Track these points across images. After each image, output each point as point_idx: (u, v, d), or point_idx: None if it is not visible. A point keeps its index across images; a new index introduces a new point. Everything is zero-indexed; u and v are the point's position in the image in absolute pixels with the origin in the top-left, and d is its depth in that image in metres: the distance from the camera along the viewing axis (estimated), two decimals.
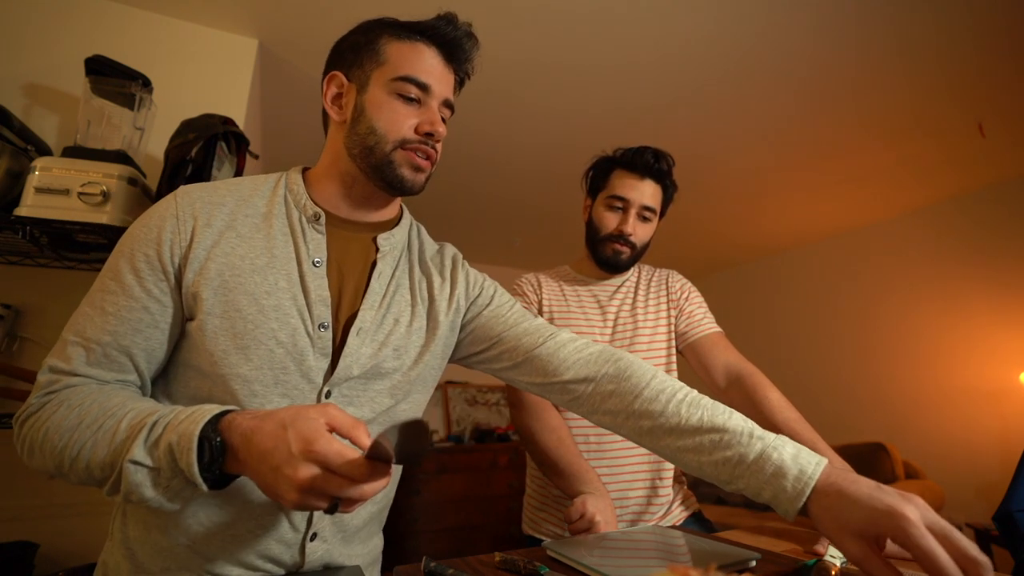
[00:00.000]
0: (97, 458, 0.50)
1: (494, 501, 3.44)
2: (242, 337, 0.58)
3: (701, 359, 1.07)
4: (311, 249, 0.64)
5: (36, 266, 1.34)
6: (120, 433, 0.50)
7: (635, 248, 1.08)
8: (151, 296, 0.58)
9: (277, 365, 0.59)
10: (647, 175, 1.06)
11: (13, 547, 1.15)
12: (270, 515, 0.59)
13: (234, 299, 0.59)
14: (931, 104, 2.18)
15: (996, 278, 2.88)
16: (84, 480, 0.53)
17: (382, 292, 0.68)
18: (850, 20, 1.71)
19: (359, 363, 0.63)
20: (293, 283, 0.62)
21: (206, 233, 0.60)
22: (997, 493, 2.42)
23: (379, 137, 0.64)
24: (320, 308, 0.62)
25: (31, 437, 0.53)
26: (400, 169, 0.65)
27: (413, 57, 0.65)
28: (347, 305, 0.65)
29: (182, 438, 0.47)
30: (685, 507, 1.05)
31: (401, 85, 0.64)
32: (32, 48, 1.46)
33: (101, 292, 0.58)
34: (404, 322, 0.68)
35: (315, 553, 0.61)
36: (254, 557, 0.59)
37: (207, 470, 0.47)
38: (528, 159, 2.66)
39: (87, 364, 0.56)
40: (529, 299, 1.12)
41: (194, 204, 0.61)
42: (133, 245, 0.59)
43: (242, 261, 0.60)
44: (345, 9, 1.62)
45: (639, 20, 1.70)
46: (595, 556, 0.61)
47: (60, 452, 0.51)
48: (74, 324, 0.58)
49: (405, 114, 0.65)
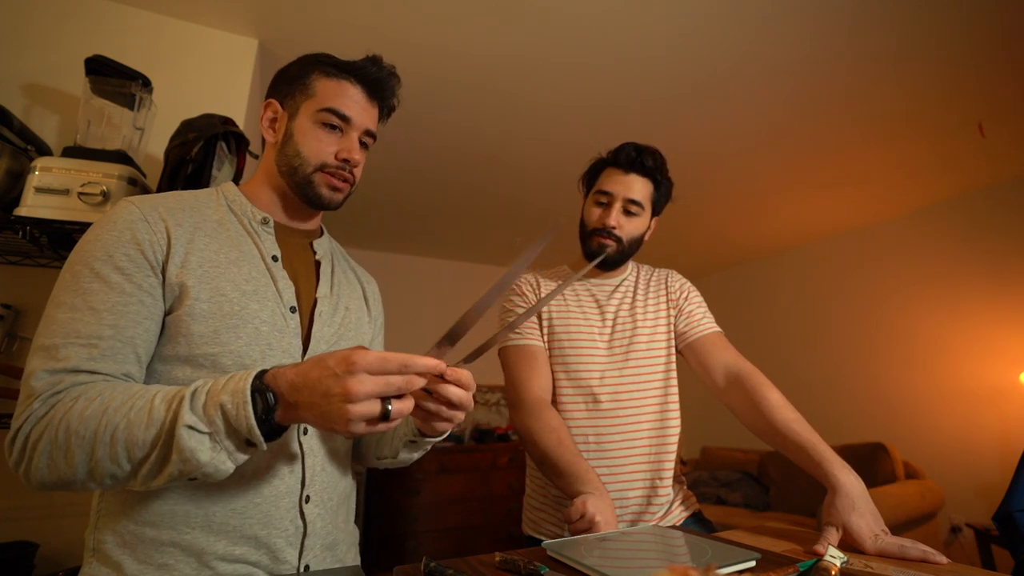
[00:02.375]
0: (135, 437, 0.51)
1: (494, 501, 3.44)
2: (230, 317, 0.64)
3: (700, 359, 1.07)
4: (267, 247, 0.73)
5: (36, 266, 1.34)
6: (157, 409, 0.51)
7: (621, 242, 1.06)
8: (143, 290, 0.61)
9: (263, 342, 0.66)
10: (631, 169, 1.06)
11: (13, 547, 1.15)
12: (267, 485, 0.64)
13: (218, 285, 0.65)
14: (930, 104, 2.18)
15: (996, 278, 2.88)
16: (113, 473, 0.52)
17: (329, 285, 0.79)
18: (848, 20, 1.71)
19: (326, 340, 0.73)
20: (262, 273, 0.70)
21: (179, 232, 0.66)
22: (997, 493, 2.42)
23: (303, 160, 0.73)
24: (288, 294, 0.72)
25: (48, 437, 0.52)
26: (319, 188, 0.75)
27: (338, 92, 0.74)
28: (305, 296, 0.75)
29: (235, 395, 0.50)
30: (685, 507, 1.05)
31: (325, 115, 0.73)
32: (32, 48, 1.46)
33: (81, 295, 0.58)
34: (354, 308, 0.82)
35: (313, 512, 0.67)
36: (258, 528, 0.62)
37: (262, 422, 0.51)
38: (528, 159, 2.66)
39: (90, 360, 0.56)
40: (528, 299, 1.12)
41: (157, 209, 0.66)
42: (107, 249, 0.61)
43: (217, 255, 0.67)
44: (344, 9, 1.62)
45: (638, 19, 1.70)
46: (595, 556, 0.61)
47: (91, 440, 0.51)
48: (56, 329, 0.56)
49: (327, 141, 0.74)
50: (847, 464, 0.82)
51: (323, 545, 0.69)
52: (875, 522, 0.75)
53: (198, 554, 0.59)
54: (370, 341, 0.86)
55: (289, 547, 0.65)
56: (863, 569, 0.62)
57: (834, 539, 0.73)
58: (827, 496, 0.80)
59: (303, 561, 0.66)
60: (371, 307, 0.89)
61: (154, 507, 0.60)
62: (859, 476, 0.81)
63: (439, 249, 4.15)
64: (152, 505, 0.60)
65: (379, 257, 4.09)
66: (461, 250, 4.18)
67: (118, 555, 0.59)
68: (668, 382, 1.08)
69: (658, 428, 1.05)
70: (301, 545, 0.66)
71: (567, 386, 1.05)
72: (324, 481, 0.71)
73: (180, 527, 0.60)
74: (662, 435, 1.04)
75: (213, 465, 0.51)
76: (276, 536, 0.63)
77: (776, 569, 0.57)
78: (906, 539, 0.70)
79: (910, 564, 0.66)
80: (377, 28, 1.70)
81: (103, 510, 0.63)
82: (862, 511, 0.75)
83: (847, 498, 0.76)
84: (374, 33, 1.72)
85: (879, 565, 0.64)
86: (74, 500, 1.27)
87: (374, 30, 1.71)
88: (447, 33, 1.75)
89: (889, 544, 0.71)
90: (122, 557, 0.59)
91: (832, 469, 0.81)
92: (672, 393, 1.07)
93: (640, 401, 1.05)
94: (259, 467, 0.64)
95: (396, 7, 1.63)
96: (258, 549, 0.62)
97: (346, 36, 1.72)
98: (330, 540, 0.71)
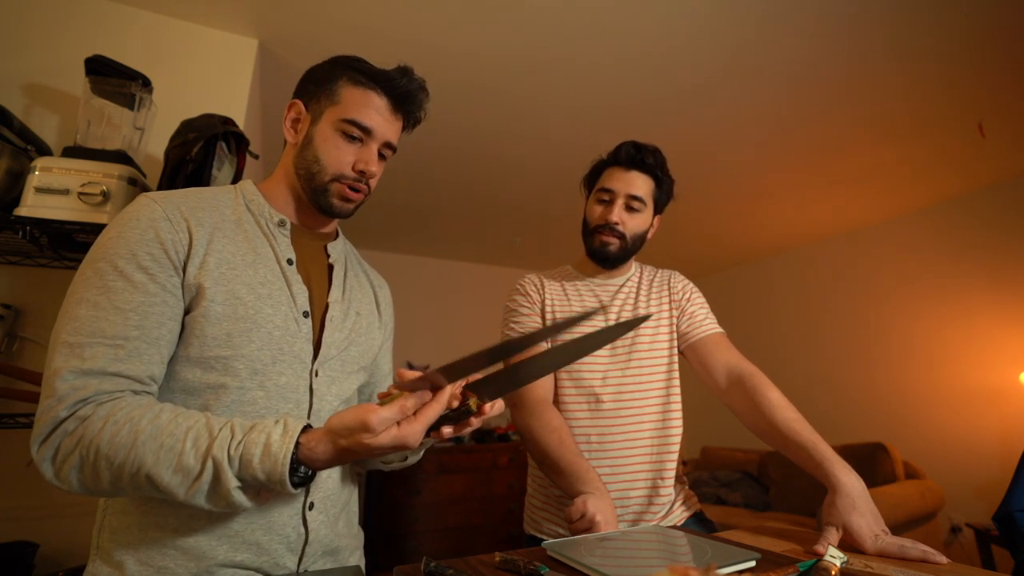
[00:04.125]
0: (161, 477, 0.53)
1: (494, 501, 3.44)
2: (244, 320, 0.64)
3: (702, 359, 1.07)
4: (282, 250, 0.73)
5: (36, 266, 1.34)
6: (187, 456, 0.53)
7: (625, 239, 1.07)
8: (166, 290, 0.61)
9: (275, 346, 0.67)
10: (632, 167, 1.07)
11: (13, 547, 1.15)
12: None
13: (233, 288, 0.65)
14: (930, 103, 2.18)
15: (996, 278, 2.88)
16: (137, 494, 0.56)
17: (341, 289, 0.79)
18: (848, 19, 1.71)
19: (336, 345, 0.74)
20: (277, 276, 0.70)
21: (200, 232, 0.65)
22: (997, 493, 2.42)
23: (321, 167, 0.73)
24: (301, 298, 0.72)
25: (80, 455, 0.53)
26: (332, 198, 0.75)
27: (363, 103, 0.73)
28: (317, 299, 0.75)
29: (271, 475, 0.53)
30: (686, 507, 1.05)
31: (347, 126, 0.73)
32: (32, 48, 1.46)
33: (105, 293, 0.58)
34: (364, 314, 0.82)
35: (316, 520, 0.68)
36: (260, 533, 0.62)
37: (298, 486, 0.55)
38: (528, 158, 2.66)
39: (116, 361, 0.56)
40: (532, 299, 1.12)
41: (179, 207, 0.66)
42: (131, 247, 0.60)
43: (234, 256, 0.67)
44: (344, 9, 1.62)
45: (637, 18, 1.70)
46: (595, 556, 0.61)
47: (119, 468, 0.53)
48: (80, 327, 0.56)
49: (346, 151, 0.74)
50: (847, 464, 0.82)
51: (324, 552, 0.69)
52: (875, 522, 0.75)
53: (198, 558, 0.59)
54: (379, 346, 0.86)
55: (289, 553, 0.64)
56: (863, 569, 0.62)
57: (834, 539, 0.73)
58: (827, 496, 0.80)
59: (302, 567, 0.66)
60: (382, 312, 0.89)
61: (159, 509, 0.60)
62: (859, 476, 0.81)
63: (439, 249, 4.15)
64: (157, 508, 0.60)
65: (379, 257, 4.09)
66: (461, 250, 4.18)
67: (121, 555, 0.59)
68: (670, 383, 1.08)
69: (660, 429, 1.05)
70: (302, 552, 0.66)
71: (569, 386, 1.06)
72: (329, 488, 0.70)
73: (183, 530, 0.60)
74: (664, 436, 1.04)
75: (245, 505, 0.56)
76: (277, 542, 0.63)
77: (776, 569, 0.57)
78: (906, 539, 0.70)
79: (910, 564, 0.66)
80: (377, 28, 1.70)
81: (109, 509, 0.63)
82: (862, 511, 0.75)
83: (847, 498, 0.77)
84: (374, 33, 1.72)
85: (879, 565, 0.64)
86: (74, 500, 1.27)
87: (374, 30, 1.71)
88: (448, 33, 1.75)
89: (889, 544, 0.71)
90: (124, 557, 0.59)
91: (832, 469, 0.81)
92: (674, 394, 1.07)
93: (642, 402, 1.05)
94: None
95: (397, 7, 1.63)
96: (259, 555, 0.62)
97: (346, 36, 1.72)
98: (332, 547, 0.70)
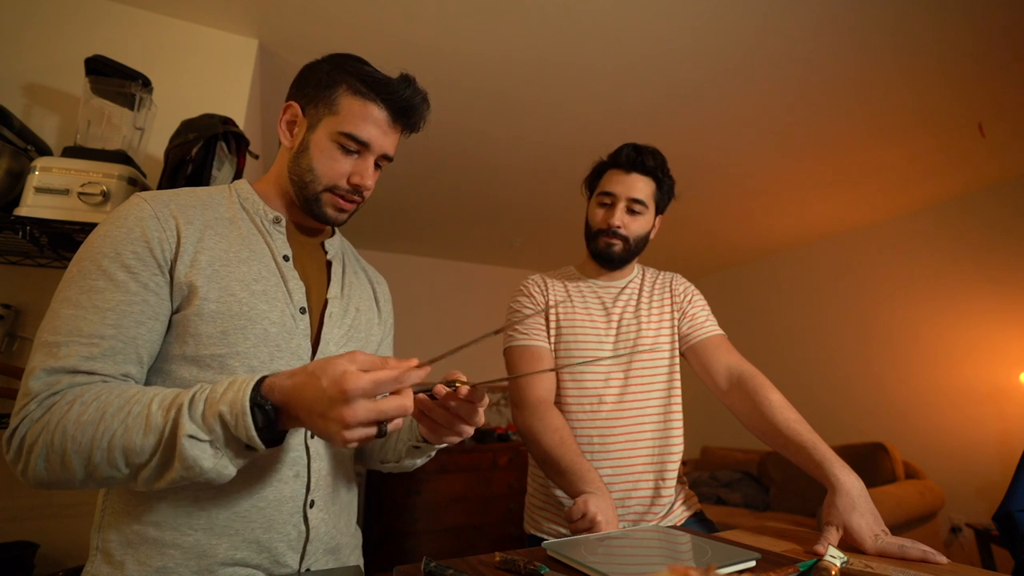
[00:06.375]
0: (132, 444, 0.51)
1: (494, 501, 3.44)
2: (239, 318, 0.64)
3: (703, 361, 1.07)
4: (278, 246, 0.72)
5: (36, 266, 1.34)
6: (155, 416, 0.51)
7: (627, 241, 1.08)
8: (148, 289, 0.61)
9: (271, 343, 0.66)
10: (632, 169, 1.07)
11: (13, 547, 1.15)
12: (271, 489, 0.64)
13: (227, 285, 0.64)
14: (930, 103, 2.18)
15: (996, 277, 2.88)
16: (111, 476, 0.52)
17: (340, 285, 0.79)
18: (849, 18, 1.71)
19: (335, 341, 0.73)
20: (273, 272, 0.70)
21: (189, 230, 0.65)
22: (997, 493, 2.42)
23: (315, 177, 0.72)
24: (298, 294, 0.71)
25: (44, 441, 0.52)
26: (325, 208, 0.74)
27: (362, 115, 0.71)
28: (316, 296, 0.74)
29: (233, 406, 0.50)
30: (687, 507, 1.06)
31: (344, 139, 0.71)
32: (32, 48, 1.46)
33: (86, 293, 0.58)
34: (364, 310, 0.82)
35: (317, 518, 0.67)
36: (260, 532, 0.62)
37: (263, 432, 0.51)
38: (528, 159, 2.66)
39: (89, 360, 0.56)
40: (536, 300, 1.12)
41: (168, 206, 0.65)
42: (116, 246, 0.60)
43: (226, 254, 0.66)
44: (344, 9, 1.62)
45: (637, 19, 1.70)
46: (596, 556, 0.61)
47: (87, 445, 0.51)
48: (59, 326, 0.56)
49: (342, 163, 0.72)
50: (847, 464, 0.82)
51: (325, 549, 0.69)
52: (875, 522, 0.75)
53: (198, 557, 0.59)
54: (379, 342, 0.86)
55: (291, 551, 0.64)
56: (863, 569, 0.62)
57: (834, 539, 0.73)
58: (827, 496, 0.80)
59: (304, 565, 0.66)
60: (381, 308, 0.88)
61: (158, 508, 0.60)
62: (859, 476, 0.81)
63: (439, 249, 4.15)
64: (156, 506, 0.60)
65: (379, 257, 4.09)
66: (461, 250, 4.18)
67: (121, 555, 0.59)
68: (672, 384, 1.08)
69: (662, 430, 1.05)
70: (303, 550, 0.66)
71: (571, 387, 1.06)
72: (329, 485, 0.70)
73: (183, 528, 0.60)
74: (665, 437, 1.04)
75: (216, 471, 0.52)
76: (278, 540, 0.63)
77: (776, 569, 0.57)
78: (906, 539, 0.70)
79: (910, 564, 0.66)
80: (378, 28, 1.70)
81: (108, 509, 0.63)
82: (862, 511, 0.75)
83: (847, 498, 0.77)
84: (375, 33, 1.72)
85: (879, 565, 0.64)
86: (74, 500, 1.27)
87: (375, 30, 1.71)
88: (448, 34, 1.75)
89: (889, 544, 0.71)
90: (124, 557, 0.59)
91: (832, 469, 0.81)
92: (676, 395, 1.08)
93: (644, 403, 1.05)
94: (264, 471, 0.64)
95: (397, 7, 1.63)
96: (259, 553, 0.62)
97: (346, 36, 1.72)
98: (333, 544, 0.70)
